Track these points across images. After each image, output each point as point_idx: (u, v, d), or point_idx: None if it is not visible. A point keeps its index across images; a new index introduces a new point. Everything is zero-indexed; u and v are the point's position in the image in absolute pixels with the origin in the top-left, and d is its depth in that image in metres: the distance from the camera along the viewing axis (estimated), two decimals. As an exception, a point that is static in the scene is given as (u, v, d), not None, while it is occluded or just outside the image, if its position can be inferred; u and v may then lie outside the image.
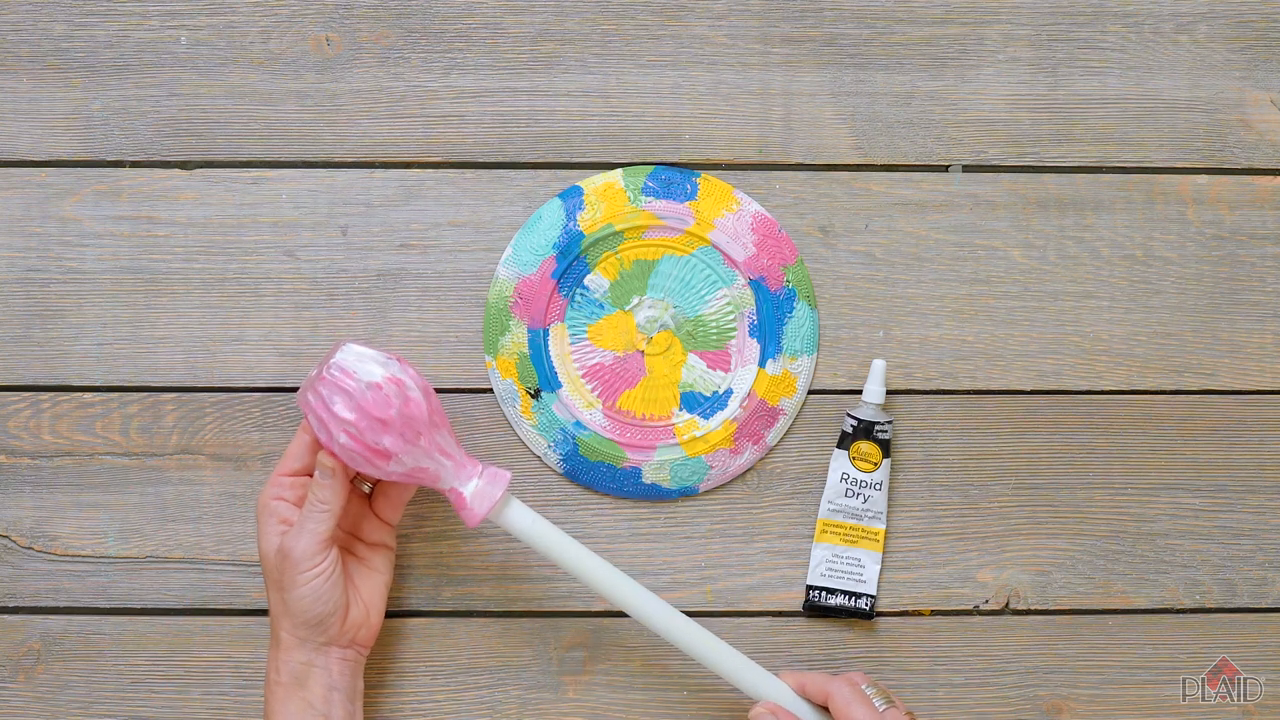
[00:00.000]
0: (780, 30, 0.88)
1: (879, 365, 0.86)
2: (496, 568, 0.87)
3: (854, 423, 0.85)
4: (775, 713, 0.80)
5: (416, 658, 0.87)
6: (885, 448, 0.85)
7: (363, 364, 0.77)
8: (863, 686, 0.80)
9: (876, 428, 0.85)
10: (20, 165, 0.87)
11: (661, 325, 0.87)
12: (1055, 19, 0.88)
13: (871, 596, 0.87)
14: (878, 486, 0.86)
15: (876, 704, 0.80)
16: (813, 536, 0.87)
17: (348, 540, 0.84)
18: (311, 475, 0.81)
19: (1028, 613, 0.88)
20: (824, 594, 0.86)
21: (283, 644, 0.80)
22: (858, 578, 0.87)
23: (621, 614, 0.87)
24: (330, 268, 0.87)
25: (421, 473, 0.78)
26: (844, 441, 0.86)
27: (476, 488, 0.79)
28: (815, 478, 0.88)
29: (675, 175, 0.87)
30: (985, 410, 0.88)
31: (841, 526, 0.86)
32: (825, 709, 0.81)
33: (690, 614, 0.85)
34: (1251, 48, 0.89)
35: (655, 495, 0.88)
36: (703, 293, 0.87)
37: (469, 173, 0.88)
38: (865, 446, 0.85)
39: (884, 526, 0.87)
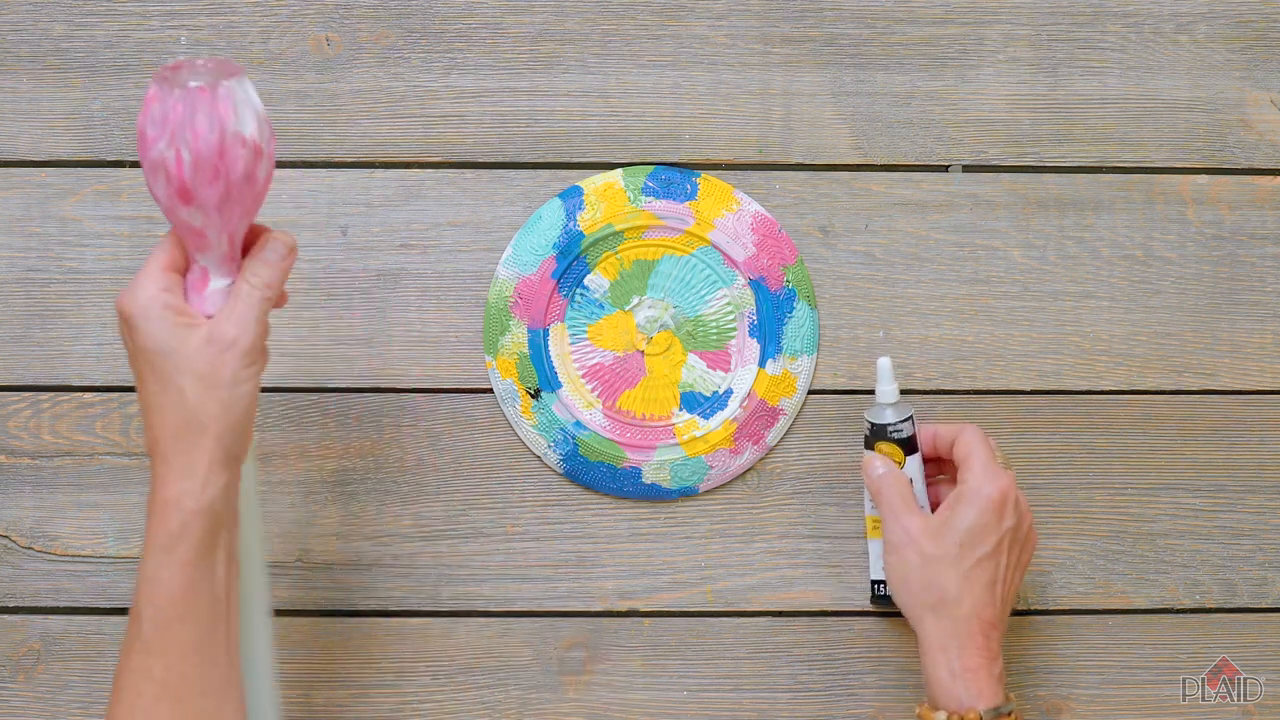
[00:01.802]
0: (780, 30, 0.88)
1: (884, 364, 0.84)
2: (497, 568, 0.87)
3: (869, 425, 0.84)
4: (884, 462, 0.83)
5: (416, 658, 0.87)
6: (907, 445, 0.84)
7: (246, 108, 0.69)
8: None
9: (890, 429, 0.84)
10: (20, 165, 0.87)
11: (661, 325, 0.87)
12: (1055, 19, 0.88)
13: None
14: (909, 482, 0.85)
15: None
16: (811, 537, 0.87)
17: None
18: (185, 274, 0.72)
19: (1028, 613, 0.88)
20: (886, 585, 0.84)
21: (210, 469, 0.68)
22: None
23: (622, 614, 0.87)
24: (330, 268, 0.87)
25: (192, 234, 0.70)
26: (868, 442, 0.85)
27: (221, 289, 0.71)
28: (815, 477, 0.88)
29: (675, 175, 0.87)
30: (985, 410, 0.88)
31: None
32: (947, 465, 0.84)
33: (690, 614, 0.86)
34: (1251, 48, 0.89)
35: (655, 495, 0.88)
36: (703, 293, 0.87)
37: (469, 173, 0.88)
38: (885, 447, 0.84)
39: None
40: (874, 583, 0.86)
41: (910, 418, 0.84)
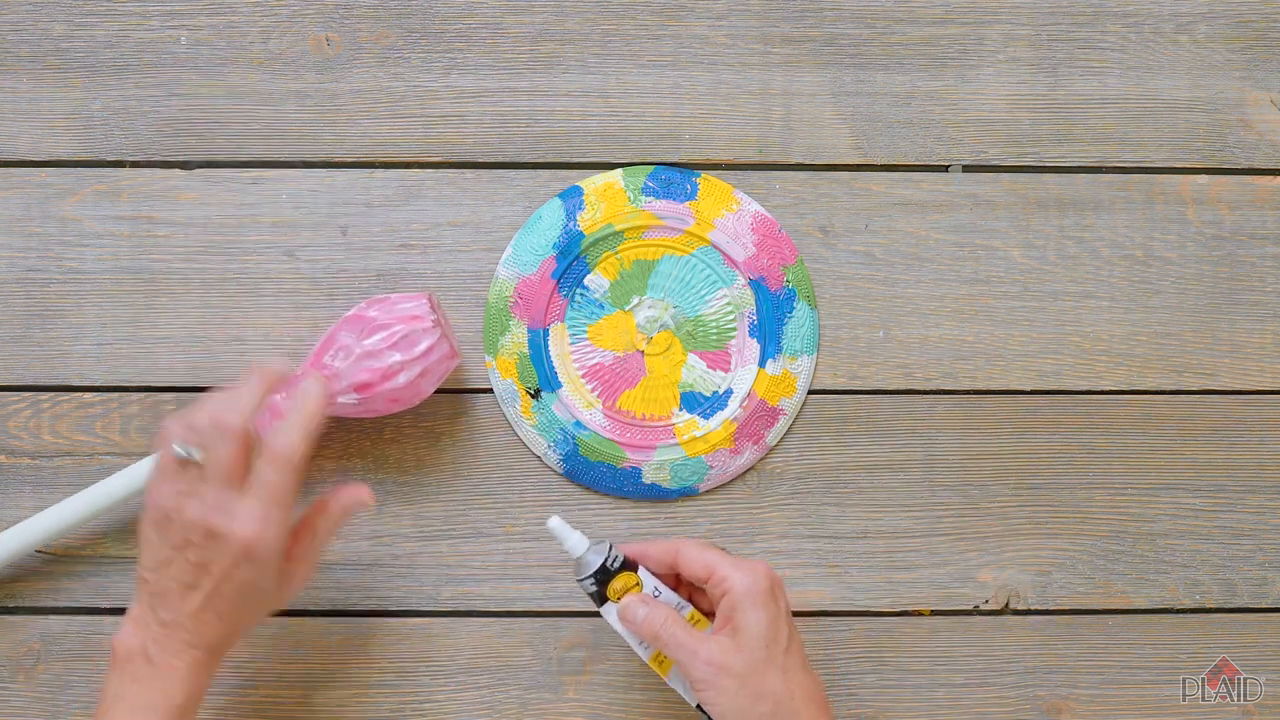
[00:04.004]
0: (780, 30, 0.88)
1: (555, 525, 0.79)
2: (496, 568, 0.87)
3: (591, 579, 0.78)
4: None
5: (416, 658, 0.87)
6: (628, 565, 0.78)
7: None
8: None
9: (609, 564, 0.78)
10: (20, 165, 0.87)
11: (661, 325, 0.87)
12: (1055, 19, 0.88)
13: None
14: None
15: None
16: (811, 537, 0.87)
17: None
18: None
19: (1028, 613, 0.88)
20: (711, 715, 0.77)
21: (213, 657, 0.75)
22: None
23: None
24: (330, 268, 0.87)
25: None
26: (599, 596, 0.79)
27: None
28: (815, 477, 0.88)
29: (675, 175, 0.87)
30: (985, 410, 0.88)
31: None
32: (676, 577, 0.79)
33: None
34: (1251, 48, 0.89)
35: (655, 495, 0.88)
36: (703, 293, 0.87)
37: (469, 173, 0.88)
38: (619, 582, 0.78)
39: None
40: (699, 708, 0.77)
41: (609, 544, 0.79)
